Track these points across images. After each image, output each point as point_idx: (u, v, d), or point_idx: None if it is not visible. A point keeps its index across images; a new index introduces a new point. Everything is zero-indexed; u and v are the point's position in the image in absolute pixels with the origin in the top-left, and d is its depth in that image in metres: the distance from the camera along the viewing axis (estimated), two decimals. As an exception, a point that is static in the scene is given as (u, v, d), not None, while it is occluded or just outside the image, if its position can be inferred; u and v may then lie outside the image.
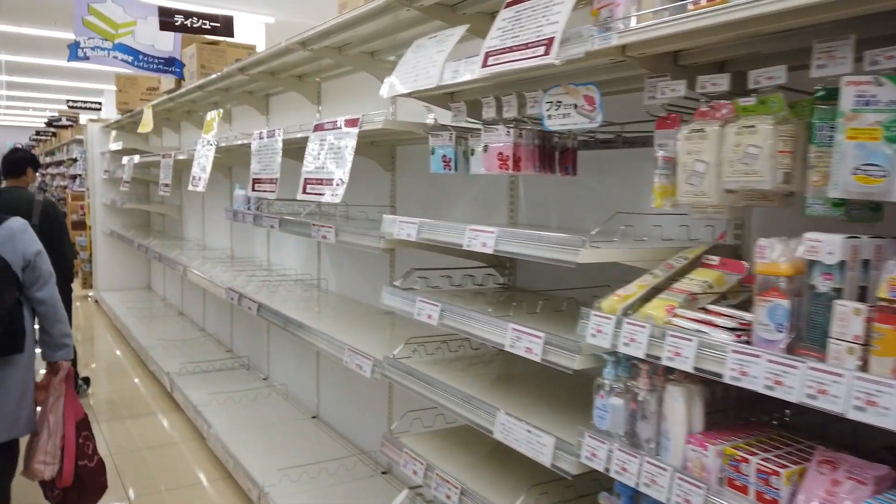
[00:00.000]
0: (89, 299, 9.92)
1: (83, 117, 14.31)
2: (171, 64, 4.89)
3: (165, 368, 5.55)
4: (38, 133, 19.34)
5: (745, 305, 1.55)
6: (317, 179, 2.88)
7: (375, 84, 3.77)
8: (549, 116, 1.90)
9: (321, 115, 4.44)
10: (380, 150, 3.61)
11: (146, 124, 6.18)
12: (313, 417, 4.60)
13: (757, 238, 1.42)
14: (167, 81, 5.84)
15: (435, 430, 2.71)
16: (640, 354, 1.48)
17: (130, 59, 4.57)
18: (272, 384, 5.24)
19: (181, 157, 5.27)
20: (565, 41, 1.68)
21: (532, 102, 1.98)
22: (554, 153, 2.17)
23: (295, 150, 3.46)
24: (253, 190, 3.68)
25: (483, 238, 1.98)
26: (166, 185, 5.56)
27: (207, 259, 5.67)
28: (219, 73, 4.49)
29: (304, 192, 3.00)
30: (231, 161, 5.51)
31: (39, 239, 2.99)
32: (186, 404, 4.89)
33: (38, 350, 3.11)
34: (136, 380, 6.01)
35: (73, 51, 4.46)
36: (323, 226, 2.94)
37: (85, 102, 11.96)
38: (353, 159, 2.70)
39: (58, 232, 4.48)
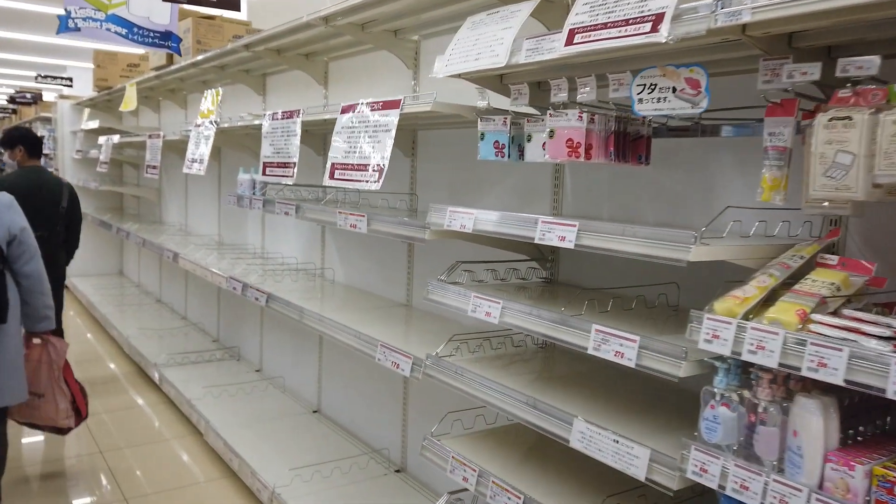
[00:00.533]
0: (58, 285, 9.50)
1: (47, 94, 13.70)
2: (167, 38, 4.60)
3: (152, 359, 5.29)
4: (-6, 110, 18.50)
5: (870, 309, 1.43)
6: (348, 165, 2.69)
7: (390, 64, 3.59)
8: (640, 100, 1.75)
9: (328, 97, 4.22)
10: (399, 134, 3.41)
11: (129, 102, 5.87)
12: (314, 412, 4.42)
13: (855, 236, 1.31)
14: (156, 58, 5.53)
15: (475, 431, 2.56)
16: (772, 364, 1.35)
17: (124, 31, 4.27)
18: (267, 376, 5.03)
19: (173, 137, 4.99)
20: (674, 18, 1.53)
21: (616, 85, 1.83)
22: (627, 140, 2.02)
23: (302, 133, 3.26)
24: (264, 174, 3.46)
25: (561, 231, 1.83)
26: (154, 168, 5.28)
27: (197, 245, 5.41)
28: (221, 49, 4.23)
29: (332, 177, 2.80)
30: (221, 142, 5.25)
31: (64, 220, 3.24)
32: (179, 398, 4.66)
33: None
34: (119, 371, 5.73)
35: (64, 22, 4.15)
36: (352, 214, 2.76)
37: (55, 78, 11.38)
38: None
39: (79, 215, 4.96)
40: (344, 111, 2.80)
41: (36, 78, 11.72)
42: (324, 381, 4.40)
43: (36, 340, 3.35)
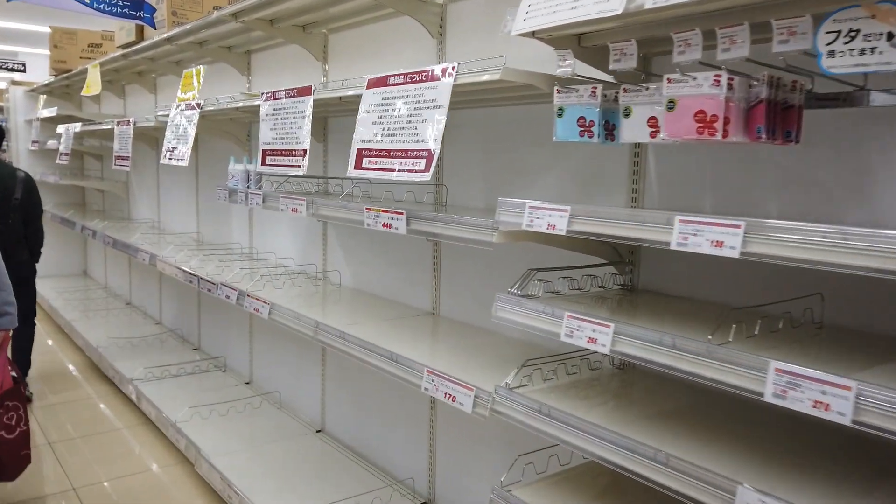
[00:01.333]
0: (16, 287, 8.77)
1: (-3, 82, 12.77)
2: (138, 7, 4.00)
3: (128, 374, 4.71)
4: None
5: None
6: (383, 151, 2.18)
7: (407, 33, 3.07)
8: (832, 54, 1.29)
9: (328, 74, 3.69)
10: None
11: (92, 86, 5.23)
12: (318, 431, 3.91)
13: None
14: (123, 34, 4.90)
15: (550, 475, 2.09)
16: None
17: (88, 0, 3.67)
18: (260, 390, 4.50)
19: (146, 124, 4.40)
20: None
21: (786, 35, 1.36)
22: (777, 112, 1.56)
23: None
24: (264, 164, 2.93)
25: (716, 234, 1.36)
26: (123, 159, 4.68)
27: (176, 246, 4.84)
28: (203, 20, 3.65)
29: (361, 167, 2.29)
30: (199, 129, 4.68)
31: (19, 213, 2.95)
32: (162, 420, 4.10)
33: None
34: (89, 387, 5.13)
35: (15, -14, 3.54)
36: (387, 211, 2.25)
37: (5, 62, 10.51)
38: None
39: (37, 208, 4.59)
40: (371, 85, 2.29)
41: (-15, 62, 10.85)
42: (328, 395, 3.89)
43: None
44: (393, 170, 2.13)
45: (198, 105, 3.56)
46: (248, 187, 3.32)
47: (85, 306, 6.86)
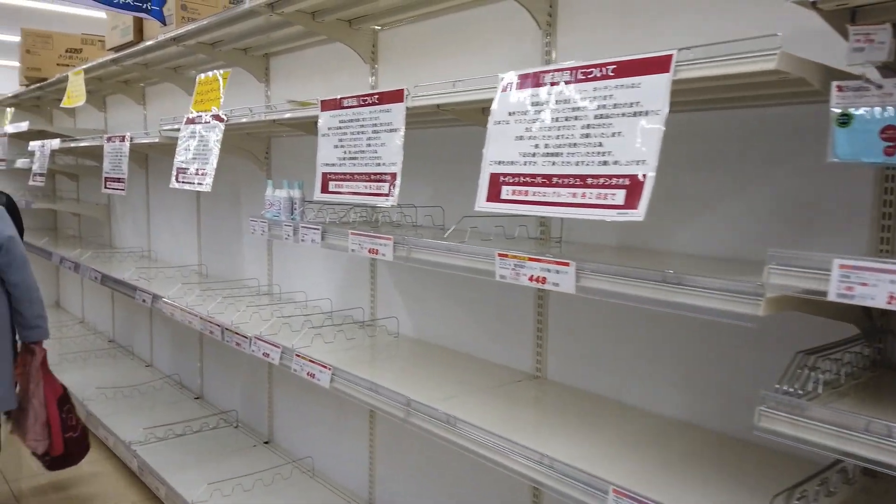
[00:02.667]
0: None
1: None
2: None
3: (125, 436, 3.97)
4: None
5: None
6: (531, 178, 1.55)
7: (493, 28, 2.38)
8: None
9: (377, 77, 3.04)
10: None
11: (75, 96, 4.50)
12: (366, 509, 3.24)
13: None
14: (116, 35, 4.17)
15: None
16: None
17: (86, -14, 2.98)
18: (284, 453, 3.79)
19: (145, 140, 3.69)
20: None
21: None
22: None
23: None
24: (325, 190, 2.28)
25: None
26: (117, 181, 3.96)
27: (185, 285, 4.12)
28: (231, 12, 2.96)
29: (497, 199, 1.65)
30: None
31: None
32: (173, 498, 3.38)
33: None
34: (74, 448, 4.36)
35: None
36: (539, 259, 1.61)
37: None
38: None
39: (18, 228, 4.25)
40: (524, 84, 1.65)
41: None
42: (378, 465, 3.22)
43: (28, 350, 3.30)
44: (581, 204, 1.50)
45: (222, 117, 2.89)
46: (292, 218, 2.65)
47: (62, 346, 6.05)
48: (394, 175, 2.03)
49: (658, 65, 1.37)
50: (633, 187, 1.38)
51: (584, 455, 1.70)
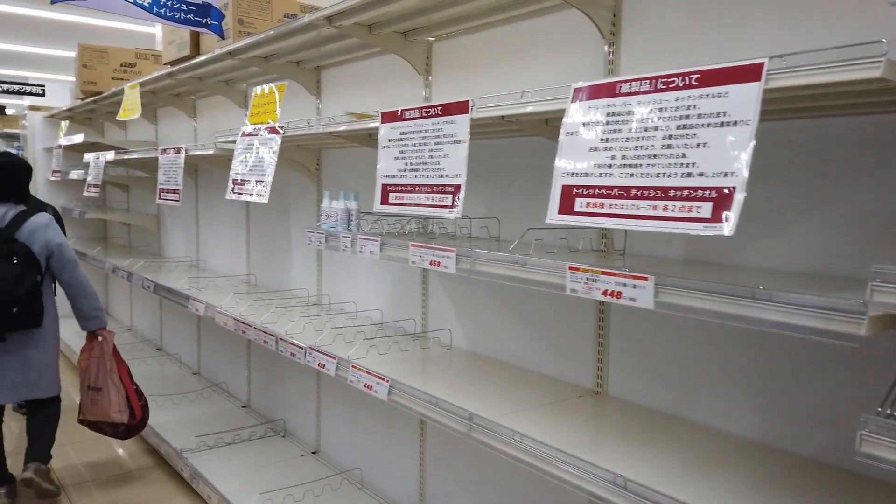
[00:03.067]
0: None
1: (8, 109, 12.19)
2: (205, 13, 3.37)
3: (176, 444, 4.02)
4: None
5: None
6: (606, 190, 1.52)
7: (552, 38, 2.34)
8: None
9: (430, 89, 3.04)
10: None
11: (131, 108, 4.60)
12: (417, 522, 3.21)
13: None
14: (173, 49, 4.27)
15: None
16: None
17: (148, 2, 3.05)
18: (333, 464, 3.79)
19: (201, 151, 3.75)
20: None
21: None
22: None
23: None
24: (385, 202, 2.27)
25: None
26: (172, 192, 4.03)
27: (238, 294, 4.17)
28: (290, 25, 2.99)
29: (570, 211, 1.63)
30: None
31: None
32: (224, 507, 3.40)
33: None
34: (125, 455, 4.43)
35: (61, -15, 2.92)
36: (613, 273, 1.58)
37: (23, 86, 9.87)
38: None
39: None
40: (593, 95, 1.63)
41: (2, 86, 10.14)
42: (429, 477, 3.19)
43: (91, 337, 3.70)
44: (617, 215, 1.47)
45: (278, 130, 2.91)
46: (349, 229, 2.66)
47: (112, 353, 6.15)
48: (458, 187, 2.02)
49: (748, 73, 1.34)
50: (721, 200, 1.34)
51: (655, 475, 1.65)
